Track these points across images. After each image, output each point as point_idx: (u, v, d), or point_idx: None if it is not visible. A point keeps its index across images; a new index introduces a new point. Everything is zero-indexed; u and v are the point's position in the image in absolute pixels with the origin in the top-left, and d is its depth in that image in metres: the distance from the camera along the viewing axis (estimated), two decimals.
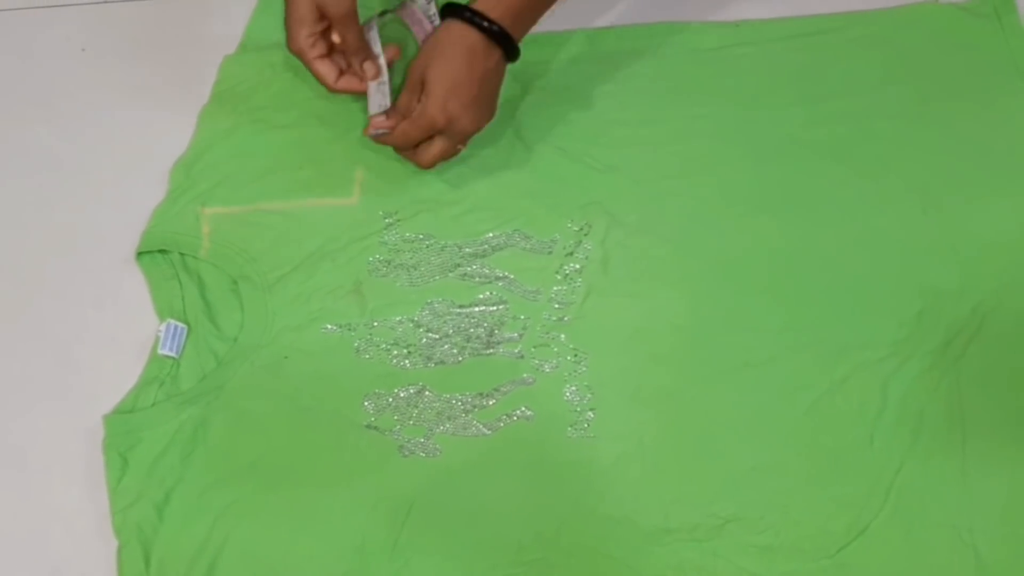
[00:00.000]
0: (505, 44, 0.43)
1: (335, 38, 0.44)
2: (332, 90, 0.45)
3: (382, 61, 0.45)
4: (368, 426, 0.41)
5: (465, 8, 0.43)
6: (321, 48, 0.44)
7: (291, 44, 0.44)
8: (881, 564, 0.38)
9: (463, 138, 0.44)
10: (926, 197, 0.45)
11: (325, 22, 0.43)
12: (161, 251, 0.44)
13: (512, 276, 0.44)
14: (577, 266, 0.44)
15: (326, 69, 0.44)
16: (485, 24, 0.42)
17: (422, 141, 0.44)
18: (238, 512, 0.39)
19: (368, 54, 0.45)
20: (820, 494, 0.39)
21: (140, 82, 0.49)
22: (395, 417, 0.41)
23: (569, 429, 0.41)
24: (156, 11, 0.52)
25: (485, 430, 0.41)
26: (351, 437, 0.41)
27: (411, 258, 0.44)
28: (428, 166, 0.45)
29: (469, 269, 0.44)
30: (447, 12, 0.43)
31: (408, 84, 0.44)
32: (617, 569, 0.38)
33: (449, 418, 0.41)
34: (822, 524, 0.39)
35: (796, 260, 0.44)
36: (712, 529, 0.39)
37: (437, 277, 0.44)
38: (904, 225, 0.45)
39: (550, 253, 0.44)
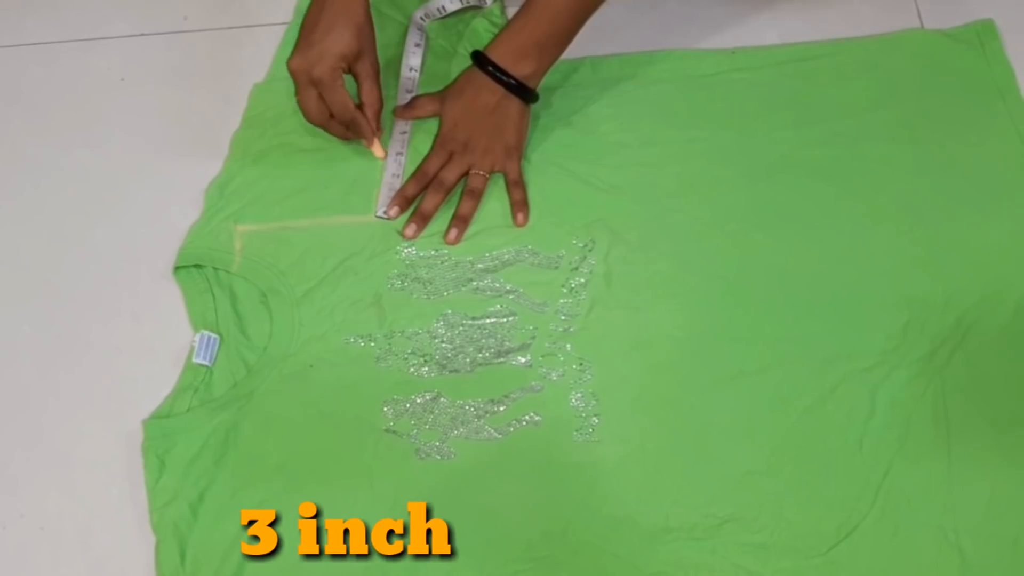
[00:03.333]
0: (522, 94, 0.44)
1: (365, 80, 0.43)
2: (350, 124, 0.44)
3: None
4: (387, 430, 0.42)
5: (488, 61, 0.44)
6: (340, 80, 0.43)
7: (320, 66, 0.41)
8: (870, 562, 0.39)
9: (480, 158, 0.45)
10: (912, 215, 0.46)
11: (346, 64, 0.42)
12: (196, 266, 0.45)
13: (521, 290, 0.45)
14: (582, 280, 0.45)
15: (346, 98, 0.43)
16: (503, 78, 0.44)
17: (441, 168, 0.45)
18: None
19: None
20: (812, 496, 0.40)
21: (176, 109, 0.50)
22: (412, 422, 0.42)
23: (575, 433, 0.42)
24: (190, 43, 0.53)
25: (496, 434, 0.42)
26: (371, 440, 0.41)
27: (427, 273, 0.45)
28: (448, 189, 0.45)
29: (481, 283, 0.45)
30: (473, 58, 0.45)
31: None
32: (620, 566, 0.39)
33: (463, 423, 0.42)
34: (814, 524, 0.40)
35: (789, 275, 0.45)
36: (710, 528, 0.40)
37: (451, 291, 0.45)
38: (891, 241, 0.45)
39: (556, 268, 0.45)
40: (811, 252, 0.45)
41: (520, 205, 0.45)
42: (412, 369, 0.43)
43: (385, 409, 0.42)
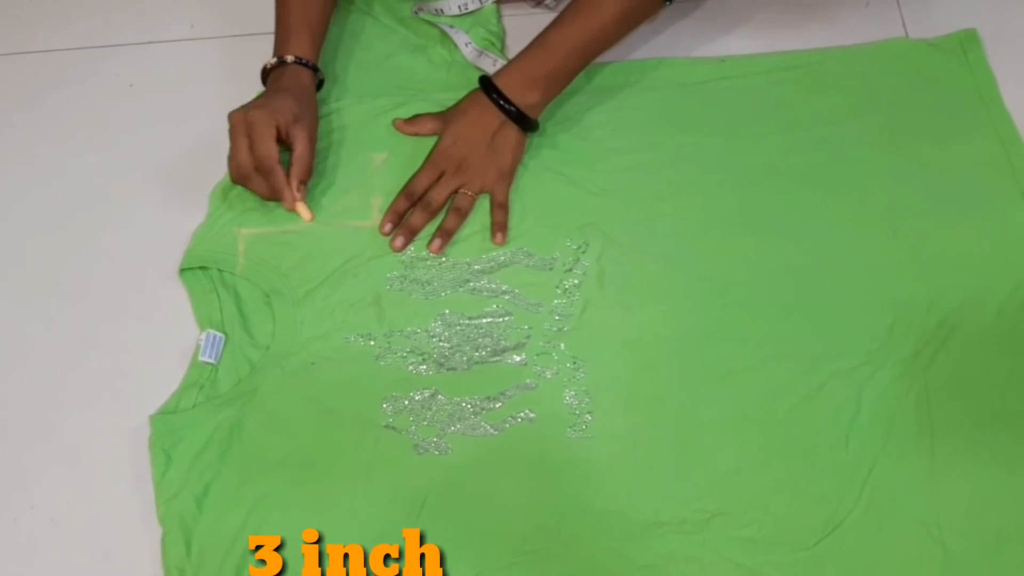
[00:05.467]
0: (523, 123, 0.45)
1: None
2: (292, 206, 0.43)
3: None
4: (386, 426, 0.42)
5: (494, 87, 0.45)
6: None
7: (256, 114, 0.42)
8: (855, 556, 0.39)
9: (471, 178, 0.45)
10: (897, 219, 0.46)
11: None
12: (201, 268, 0.45)
13: (516, 290, 0.45)
14: (575, 281, 0.45)
15: (272, 151, 0.42)
16: (503, 104, 0.45)
17: (432, 184, 0.45)
18: (269, 504, 0.40)
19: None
20: (799, 491, 0.41)
21: (182, 115, 0.50)
22: (410, 418, 0.42)
23: (568, 430, 0.42)
24: (197, 50, 0.54)
25: (492, 430, 0.42)
26: (371, 436, 0.42)
27: (425, 274, 0.45)
28: (436, 210, 0.45)
29: (477, 284, 0.45)
30: (481, 83, 0.46)
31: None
32: (612, 558, 0.40)
33: (459, 419, 0.42)
34: (801, 519, 0.40)
35: (776, 276, 0.45)
36: (700, 523, 0.40)
37: (448, 291, 0.45)
38: (876, 244, 0.46)
39: (551, 270, 0.46)
40: (798, 255, 0.46)
41: (501, 226, 0.45)
42: (411, 367, 0.44)
43: (384, 406, 0.43)
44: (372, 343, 0.44)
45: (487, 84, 0.45)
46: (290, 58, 0.46)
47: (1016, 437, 0.42)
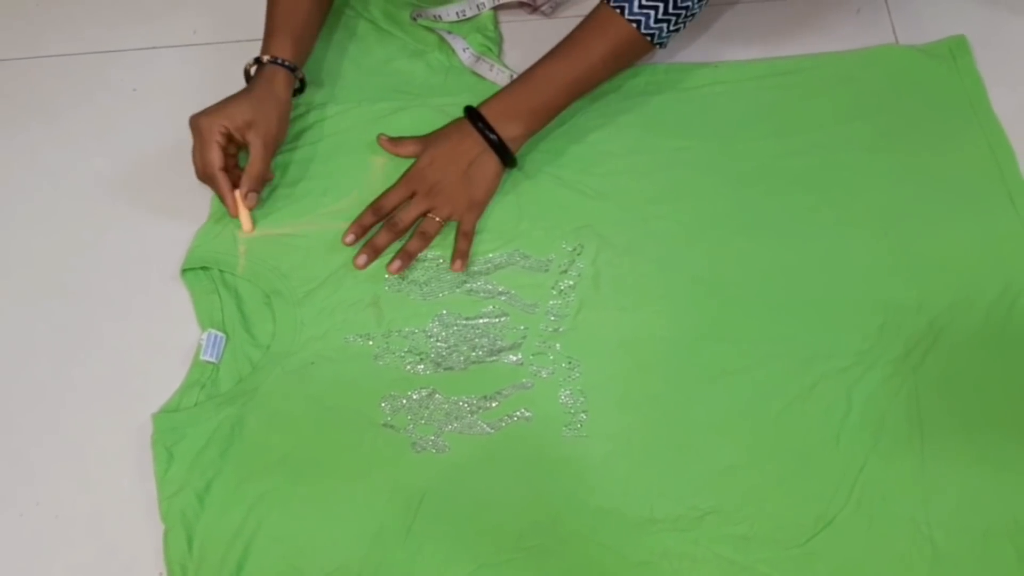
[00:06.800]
0: (502, 154, 0.45)
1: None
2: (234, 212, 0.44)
3: None
4: (384, 425, 0.42)
5: (479, 116, 0.45)
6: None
7: (206, 121, 0.42)
8: (846, 553, 0.40)
9: (442, 203, 0.44)
10: (887, 222, 0.47)
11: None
12: (203, 268, 0.46)
13: (513, 291, 0.45)
14: (571, 283, 0.46)
15: (214, 157, 0.43)
16: (487, 132, 0.44)
17: (401, 203, 0.45)
18: (270, 501, 0.41)
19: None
20: (791, 489, 0.41)
21: (184, 119, 0.50)
22: (408, 417, 0.43)
23: (564, 429, 0.42)
24: (200, 56, 0.54)
25: (489, 429, 0.43)
26: (369, 434, 0.42)
27: (423, 275, 0.46)
28: (402, 231, 0.44)
29: (474, 285, 0.46)
30: (465, 111, 0.46)
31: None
32: (607, 555, 0.40)
33: (456, 418, 0.43)
34: (793, 516, 0.40)
35: (769, 278, 0.46)
36: (693, 520, 0.40)
37: (446, 292, 0.45)
38: (867, 246, 0.46)
39: (546, 271, 0.46)
40: (790, 257, 0.46)
41: (462, 255, 0.45)
42: (408, 367, 0.44)
43: (383, 404, 0.43)
44: (371, 343, 0.44)
45: (472, 112, 0.45)
46: (266, 58, 0.45)
47: (1004, 436, 0.42)
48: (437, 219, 0.45)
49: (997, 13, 0.54)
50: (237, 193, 0.45)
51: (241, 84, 0.48)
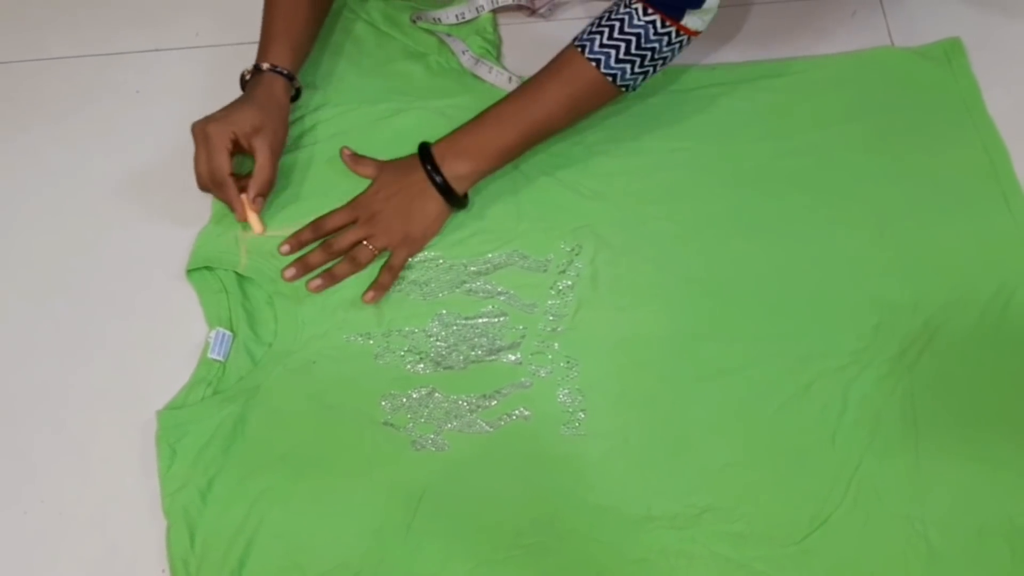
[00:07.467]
0: (447, 194, 0.44)
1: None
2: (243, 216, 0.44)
3: None
4: (385, 423, 0.43)
5: (428, 155, 0.44)
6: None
7: (213, 126, 0.42)
8: (842, 551, 0.40)
9: (379, 233, 0.44)
10: (883, 222, 0.47)
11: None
12: (208, 268, 0.46)
13: (511, 291, 0.46)
14: (569, 283, 0.46)
15: (223, 162, 0.43)
16: (430, 171, 0.44)
17: (342, 227, 0.44)
18: (271, 498, 0.41)
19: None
20: (787, 488, 0.41)
21: (186, 121, 0.51)
22: (408, 415, 0.43)
23: (562, 427, 0.43)
24: (202, 57, 0.54)
25: (488, 428, 0.43)
26: (370, 433, 0.42)
27: (422, 275, 0.46)
28: (336, 254, 0.44)
29: (474, 285, 0.46)
30: (419, 148, 0.45)
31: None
32: (605, 552, 0.40)
33: (456, 417, 0.43)
34: (789, 514, 0.41)
35: (765, 278, 0.46)
36: (690, 518, 0.41)
37: (446, 292, 0.46)
38: (863, 247, 0.46)
39: (545, 271, 0.46)
40: (787, 257, 0.46)
41: (381, 288, 0.44)
42: (408, 366, 0.44)
43: (383, 403, 0.43)
44: (371, 342, 0.45)
45: (423, 150, 0.45)
46: (265, 66, 0.45)
47: (998, 435, 0.42)
48: (371, 248, 0.44)
49: (991, 16, 0.54)
50: (244, 197, 0.45)
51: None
